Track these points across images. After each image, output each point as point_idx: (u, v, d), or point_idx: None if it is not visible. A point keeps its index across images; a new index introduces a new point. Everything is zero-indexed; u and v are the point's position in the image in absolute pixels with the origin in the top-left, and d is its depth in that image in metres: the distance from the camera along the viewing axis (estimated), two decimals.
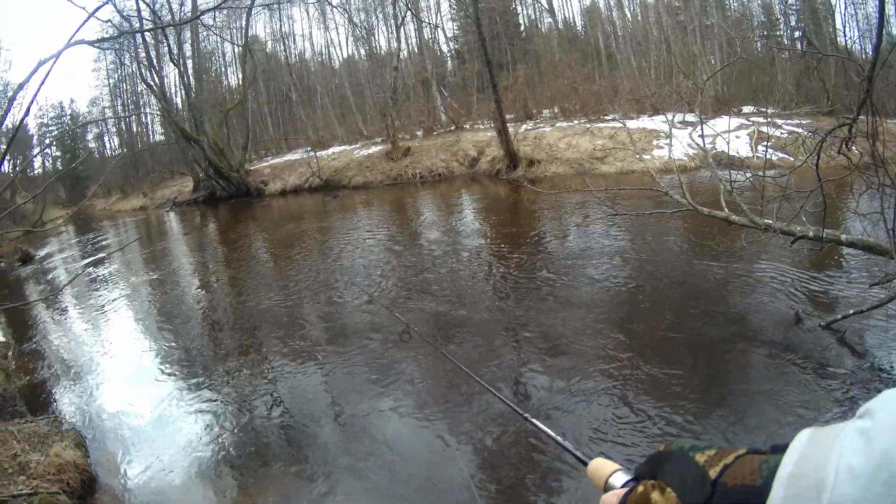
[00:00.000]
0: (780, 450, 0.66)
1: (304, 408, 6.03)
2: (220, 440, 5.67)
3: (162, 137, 48.84)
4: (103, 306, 12.13)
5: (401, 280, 9.82)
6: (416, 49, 39.35)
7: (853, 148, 5.52)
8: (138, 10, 28.55)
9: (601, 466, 1.04)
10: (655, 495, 0.78)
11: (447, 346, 6.46)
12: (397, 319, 6.61)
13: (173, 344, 8.97)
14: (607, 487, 1.00)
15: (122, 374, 8.16)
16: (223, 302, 10.80)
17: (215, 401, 6.56)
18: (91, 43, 13.04)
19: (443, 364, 5.97)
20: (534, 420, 1.48)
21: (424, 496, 4.26)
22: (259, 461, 5.21)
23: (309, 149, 31.73)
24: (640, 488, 0.82)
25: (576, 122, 24.89)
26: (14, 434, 5.78)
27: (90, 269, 17.56)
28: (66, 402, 7.49)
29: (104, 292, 13.50)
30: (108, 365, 8.66)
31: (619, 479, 0.98)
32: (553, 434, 1.37)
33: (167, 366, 8.04)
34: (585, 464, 1.09)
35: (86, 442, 6.06)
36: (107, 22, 20.30)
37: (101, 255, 20.36)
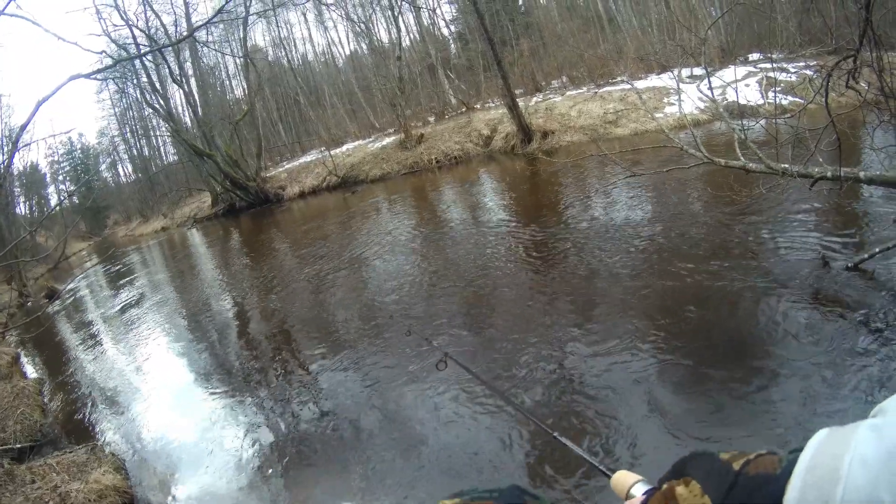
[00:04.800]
0: (796, 451, 0.71)
1: (341, 412, 5.98)
2: (261, 449, 5.73)
3: (175, 157, 49.08)
4: (134, 330, 12.26)
5: (426, 280, 9.35)
6: (417, 37, 39.17)
7: (860, 82, 5.50)
8: (133, 38, 28.76)
9: (623, 478, 1.12)
10: (680, 489, 0.82)
11: (476, 362, 6.07)
12: (431, 342, 6.30)
13: (206, 359, 9.02)
14: (629, 497, 1.09)
15: (158, 394, 8.23)
16: (253, 312, 10.80)
17: (254, 411, 6.62)
18: (88, 76, 13.18)
19: (470, 381, 5.58)
20: (562, 438, 1.55)
21: None
22: (301, 467, 5.25)
23: (323, 148, 31.87)
24: (665, 487, 0.87)
25: (585, 88, 24.62)
26: (53, 466, 5.90)
27: (118, 294, 17.86)
28: (104, 427, 7.61)
29: (133, 316, 13.64)
30: (143, 386, 8.76)
31: (640, 489, 1.07)
32: (579, 451, 1.45)
33: (202, 381, 8.11)
34: (609, 476, 1.18)
35: (125, 465, 6.22)
36: (101, 53, 20.43)
37: (126, 279, 20.71)
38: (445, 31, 42.06)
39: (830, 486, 0.62)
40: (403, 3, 31.00)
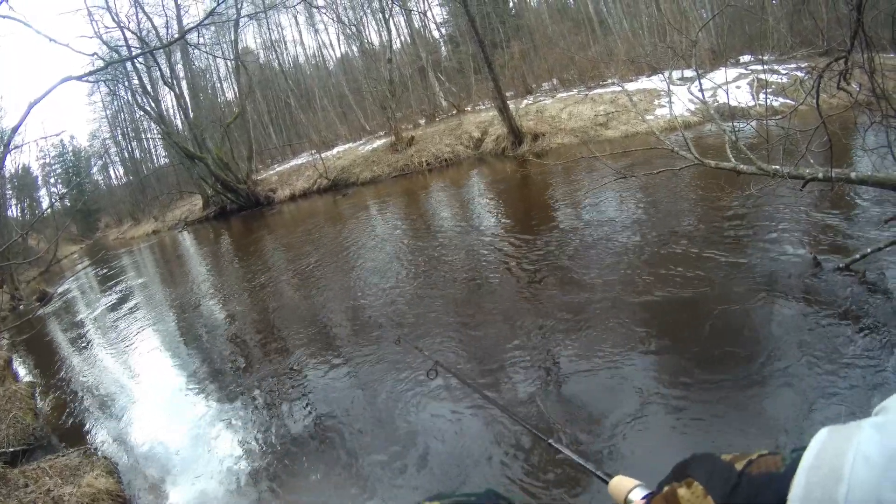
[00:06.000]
0: (799, 450, 0.71)
1: (334, 416, 5.91)
2: (252, 452, 5.69)
3: (166, 160, 49.05)
4: (125, 333, 12.20)
5: (415, 284, 9.25)
6: (407, 39, 39.18)
7: (852, 83, 5.48)
8: (125, 40, 28.69)
9: (621, 483, 1.11)
10: (682, 491, 0.82)
11: (467, 369, 5.98)
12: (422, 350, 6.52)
13: (198, 362, 8.96)
14: (627, 502, 1.04)
15: (150, 397, 8.21)
16: (243, 315, 10.67)
17: (245, 414, 6.58)
18: (79, 78, 13.08)
19: (462, 389, 5.48)
20: (556, 445, 1.52)
21: None
22: (295, 470, 5.21)
23: (313, 151, 31.84)
24: (666, 489, 0.86)
25: (575, 90, 24.67)
26: (46, 470, 5.87)
27: (110, 297, 17.77)
28: (97, 431, 7.56)
29: (125, 319, 13.60)
30: (135, 389, 8.73)
31: (638, 493, 1.04)
32: (575, 457, 1.41)
33: (194, 384, 8.05)
34: (606, 482, 1.14)
35: (118, 468, 6.20)
36: (93, 55, 20.40)
37: (117, 282, 20.64)
38: (436, 34, 42.19)
39: (834, 484, 0.62)
40: (394, 5, 30.99)
